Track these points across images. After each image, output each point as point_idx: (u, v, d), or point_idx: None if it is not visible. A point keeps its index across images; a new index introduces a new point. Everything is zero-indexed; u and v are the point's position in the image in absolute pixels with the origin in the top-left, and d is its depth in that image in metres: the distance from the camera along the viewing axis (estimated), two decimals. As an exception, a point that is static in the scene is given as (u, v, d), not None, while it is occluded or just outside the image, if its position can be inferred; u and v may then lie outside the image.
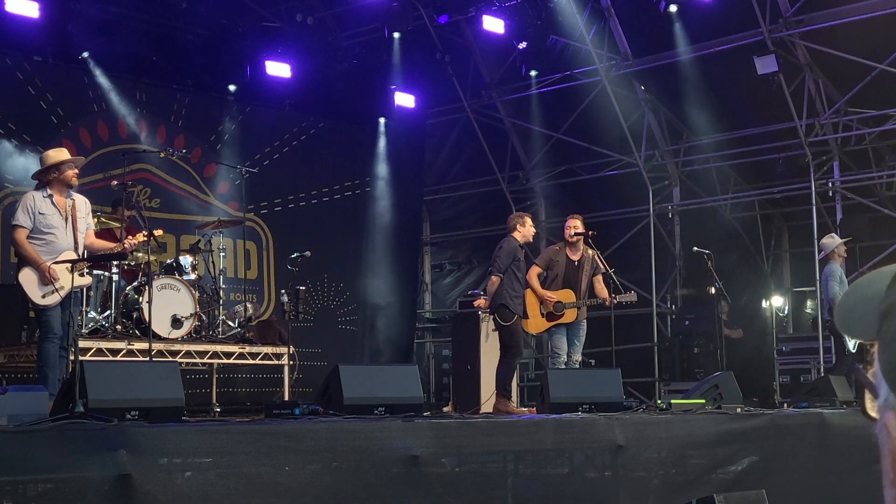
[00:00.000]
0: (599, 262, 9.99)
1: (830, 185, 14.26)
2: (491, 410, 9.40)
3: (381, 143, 15.46)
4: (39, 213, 7.87)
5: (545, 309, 9.63)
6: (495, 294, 9.13)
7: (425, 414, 7.40)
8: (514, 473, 6.62)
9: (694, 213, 15.76)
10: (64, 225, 7.99)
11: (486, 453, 6.49)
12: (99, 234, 10.09)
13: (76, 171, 8.12)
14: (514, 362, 9.27)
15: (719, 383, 8.81)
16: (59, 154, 8.11)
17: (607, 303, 9.70)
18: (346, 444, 5.76)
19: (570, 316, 9.72)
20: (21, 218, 7.81)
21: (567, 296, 9.69)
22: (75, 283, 7.73)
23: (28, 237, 7.86)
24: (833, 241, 11.39)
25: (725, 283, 10.98)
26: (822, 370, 13.06)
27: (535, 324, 9.80)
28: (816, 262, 13.79)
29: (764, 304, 15.82)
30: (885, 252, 13.47)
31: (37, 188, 8.04)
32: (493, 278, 9.15)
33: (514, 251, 9.22)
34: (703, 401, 8.42)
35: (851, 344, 10.85)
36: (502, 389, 9.13)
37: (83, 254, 8.14)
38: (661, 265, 15.48)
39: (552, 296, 9.65)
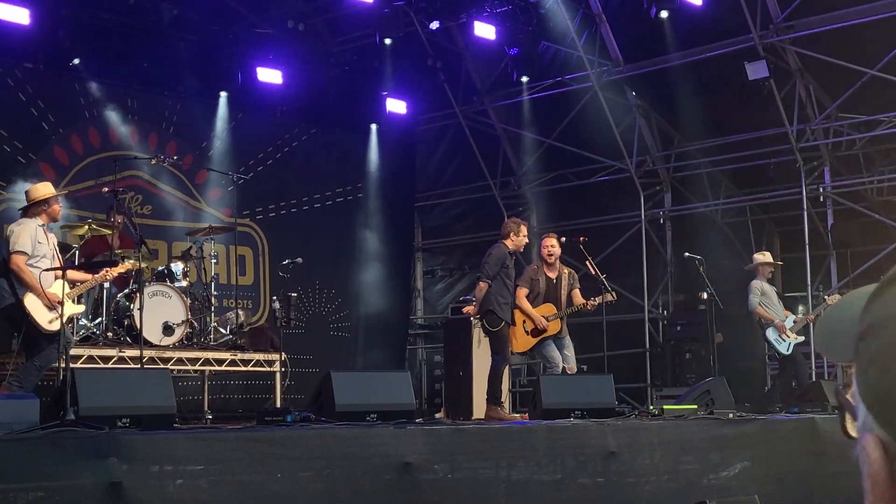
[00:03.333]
0: (591, 268, 10.02)
1: (821, 190, 14.29)
2: (483, 417, 9.39)
3: (373, 149, 15.46)
4: (38, 241, 8.07)
5: (528, 326, 9.69)
6: (483, 300, 9.14)
7: (417, 420, 7.39)
8: (507, 480, 6.61)
9: (685, 218, 15.77)
10: (52, 255, 8.21)
11: (479, 459, 6.48)
12: (91, 241, 10.11)
13: (60, 205, 8.47)
14: (502, 368, 9.25)
15: (711, 389, 8.82)
16: (48, 188, 8.34)
17: (587, 306, 9.81)
18: (339, 451, 5.75)
19: (553, 328, 9.85)
20: (26, 244, 7.97)
21: (549, 309, 9.81)
22: (72, 311, 8.13)
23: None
24: (762, 258, 11.62)
25: (717, 288, 11.00)
26: (813, 375, 13.08)
27: (523, 342, 9.88)
28: (808, 267, 13.85)
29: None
30: (875, 257, 13.49)
31: (29, 216, 8.13)
32: (481, 284, 9.16)
33: (503, 258, 9.22)
34: (696, 406, 8.43)
35: (783, 347, 11.06)
36: (492, 396, 9.12)
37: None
38: (652, 271, 15.50)
39: (544, 321, 9.75)
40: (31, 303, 7.90)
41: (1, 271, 8.08)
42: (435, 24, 13.73)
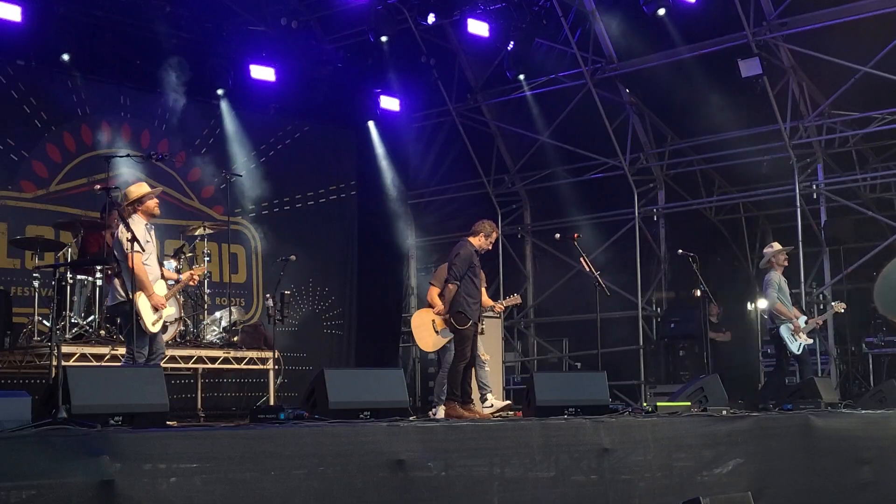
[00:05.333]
0: (585, 265, 10.03)
1: (815, 187, 14.31)
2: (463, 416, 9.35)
3: (367, 146, 15.44)
4: (146, 240, 8.04)
5: (438, 326, 9.70)
6: (453, 301, 9.15)
7: (411, 418, 7.38)
8: (501, 477, 6.60)
9: (679, 215, 15.79)
10: (156, 255, 8.23)
11: (473, 457, 6.47)
12: (86, 239, 10.08)
13: (157, 201, 8.31)
14: (461, 367, 9.24)
15: (705, 386, 8.82)
16: (140, 188, 8.27)
17: (496, 308, 10.24)
18: (332, 449, 5.73)
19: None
20: (138, 245, 7.92)
21: None
22: (168, 314, 8.19)
23: None
24: (772, 249, 11.42)
25: (710, 285, 11.00)
26: (819, 371, 13.09)
27: (433, 342, 9.83)
28: (801, 264, 13.85)
29: (749, 306, 15.86)
30: (869, 254, 13.52)
31: (126, 216, 8.09)
32: (450, 286, 9.16)
33: (469, 257, 9.27)
34: (689, 403, 8.43)
35: (795, 346, 10.97)
36: (451, 394, 9.12)
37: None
38: (646, 268, 15.51)
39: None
40: (142, 304, 7.94)
41: (113, 271, 8.10)
42: (431, 18, 13.60)
